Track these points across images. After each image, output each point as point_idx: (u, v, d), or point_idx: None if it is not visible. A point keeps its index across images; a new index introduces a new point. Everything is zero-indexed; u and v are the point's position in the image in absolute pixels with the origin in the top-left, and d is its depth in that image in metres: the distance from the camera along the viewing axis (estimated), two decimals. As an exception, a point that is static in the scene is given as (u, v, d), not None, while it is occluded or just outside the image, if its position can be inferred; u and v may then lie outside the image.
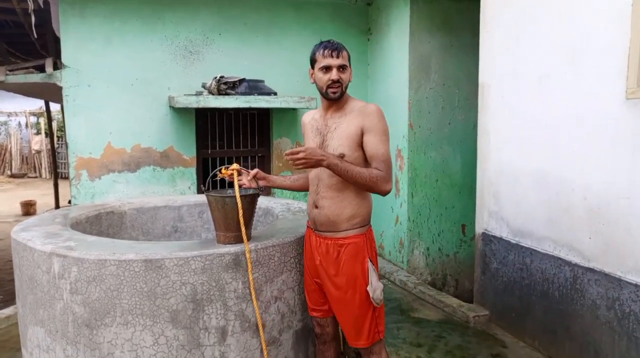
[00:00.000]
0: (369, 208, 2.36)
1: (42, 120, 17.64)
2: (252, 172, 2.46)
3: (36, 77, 4.73)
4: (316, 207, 2.34)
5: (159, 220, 3.60)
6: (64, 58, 4.66)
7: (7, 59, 5.90)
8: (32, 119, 18.17)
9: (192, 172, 5.15)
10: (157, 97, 4.94)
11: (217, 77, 4.76)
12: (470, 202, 5.02)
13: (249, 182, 2.43)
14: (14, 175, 16.92)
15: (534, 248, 3.51)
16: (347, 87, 2.29)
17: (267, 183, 2.55)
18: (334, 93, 2.23)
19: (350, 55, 2.30)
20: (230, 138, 5.38)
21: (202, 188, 2.49)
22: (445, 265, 5.30)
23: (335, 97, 2.25)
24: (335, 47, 2.22)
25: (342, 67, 2.22)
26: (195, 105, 4.67)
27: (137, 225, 3.53)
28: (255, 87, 4.88)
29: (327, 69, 2.22)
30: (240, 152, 5.42)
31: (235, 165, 2.44)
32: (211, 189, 2.57)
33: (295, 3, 5.39)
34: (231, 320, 2.32)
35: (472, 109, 4.88)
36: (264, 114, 5.50)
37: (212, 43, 5.12)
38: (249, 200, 2.36)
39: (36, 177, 17.19)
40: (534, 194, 3.50)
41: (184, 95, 4.84)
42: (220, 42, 5.14)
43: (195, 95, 4.84)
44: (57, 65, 4.82)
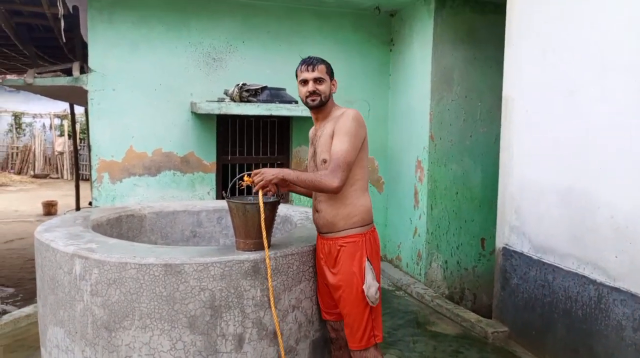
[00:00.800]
0: (366, 206, 2.42)
1: (66, 123, 17.99)
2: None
3: (63, 81, 4.83)
4: (317, 211, 2.47)
5: (178, 224, 3.62)
6: (90, 62, 4.75)
7: (35, 62, 6.04)
8: (56, 121, 18.56)
9: (212, 177, 5.18)
10: (179, 102, 5.00)
11: (240, 85, 4.80)
12: (490, 215, 4.95)
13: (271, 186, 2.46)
14: (36, 176, 17.25)
15: (556, 265, 3.44)
16: (329, 98, 2.43)
17: (287, 188, 2.60)
18: (313, 101, 2.41)
19: (330, 69, 2.44)
20: (250, 145, 5.41)
21: (224, 194, 2.50)
22: (463, 279, 5.23)
23: (314, 105, 2.41)
24: (310, 62, 2.42)
25: (318, 80, 2.39)
26: (217, 112, 4.71)
27: (157, 229, 3.56)
28: (276, 95, 4.91)
29: (304, 82, 2.42)
30: (259, 159, 5.44)
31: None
32: (231, 196, 2.58)
33: (318, 12, 5.42)
34: (248, 328, 2.30)
35: (495, 122, 4.83)
36: (284, 122, 5.52)
37: (235, 50, 5.17)
38: (270, 208, 2.35)
39: (58, 178, 17.51)
40: (558, 210, 3.43)
41: (206, 101, 4.89)
42: (243, 49, 5.19)
43: (217, 101, 4.89)
44: (84, 69, 4.92)
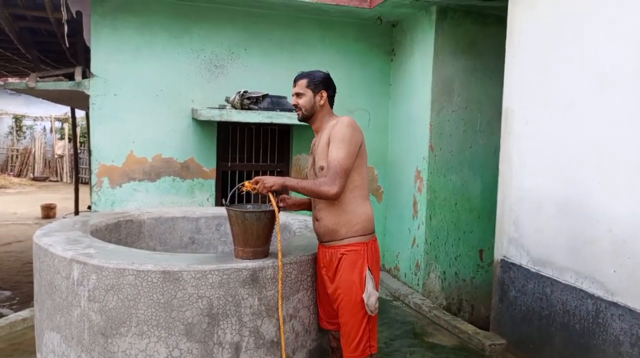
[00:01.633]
0: (367, 215, 2.43)
1: (67, 126, 18.00)
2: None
3: (65, 85, 4.85)
4: (317, 220, 2.49)
5: (176, 230, 3.62)
6: (93, 67, 4.76)
7: (38, 66, 6.06)
8: (57, 124, 18.57)
9: (212, 184, 5.18)
10: (180, 109, 5.01)
11: (241, 92, 4.82)
12: (489, 227, 4.95)
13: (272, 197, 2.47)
14: (36, 179, 17.22)
15: (555, 278, 3.43)
16: (311, 110, 2.49)
17: (294, 206, 2.67)
18: (297, 114, 2.54)
19: (313, 82, 2.49)
20: (250, 152, 5.42)
21: (223, 201, 2.50)
22: (461, 290, 5.21)
23: (299, 118, 2.55)
24: (295, 78, 2.53)
25: (298, 94, 2.50)
26: (218, 119, 4.72)
27: (155, 234, 3.56)
28: (277, 103, 4.92)
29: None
30: (259, 166, 5.44)
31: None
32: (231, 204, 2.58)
33: (320, 21, 5.45)
34: (246, 337, 2.30)
35: (494, 134, 4.84)
36: (285, 130, 5.53)
37: (237, 58, 5.19)
38: (269, 216, 2.36)
39: (57, 181, 17.48)
40: (557, 223, 3.43)
41: (207, 108, 4.90)
42: (245, 57, 5.22)
43: (218, 108, 4.90)
44: (86, 74, 4.93)
